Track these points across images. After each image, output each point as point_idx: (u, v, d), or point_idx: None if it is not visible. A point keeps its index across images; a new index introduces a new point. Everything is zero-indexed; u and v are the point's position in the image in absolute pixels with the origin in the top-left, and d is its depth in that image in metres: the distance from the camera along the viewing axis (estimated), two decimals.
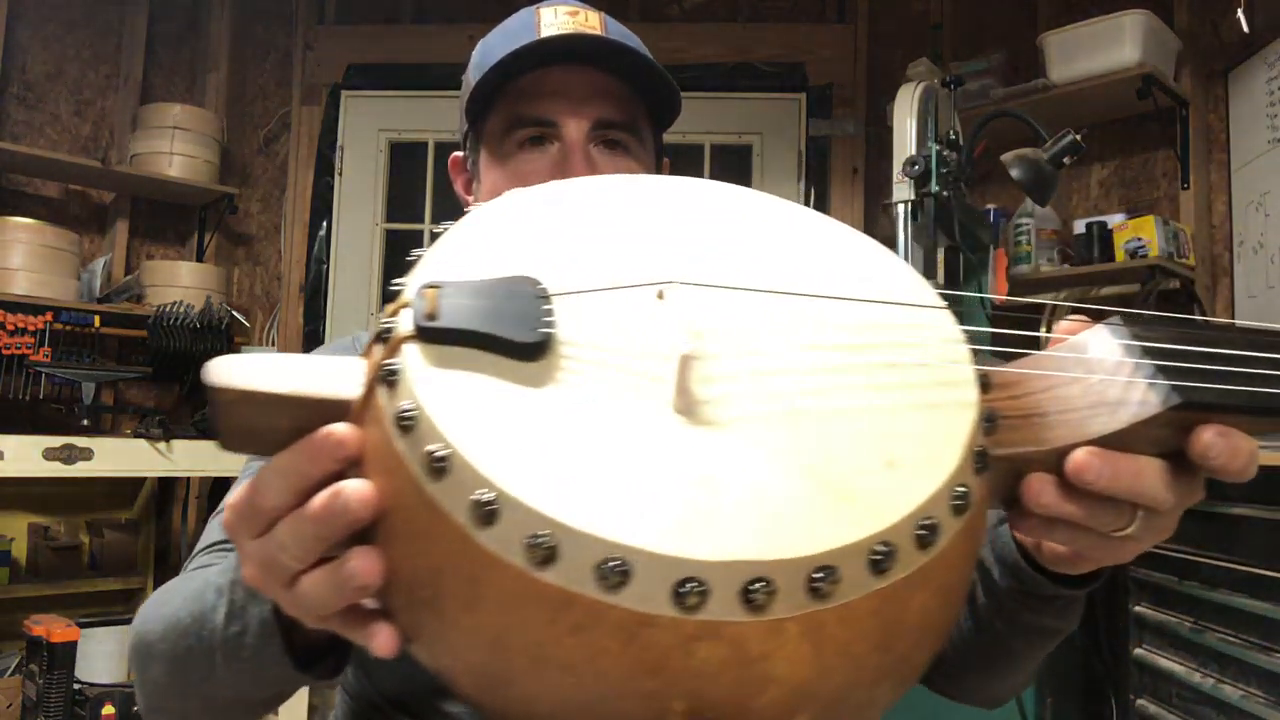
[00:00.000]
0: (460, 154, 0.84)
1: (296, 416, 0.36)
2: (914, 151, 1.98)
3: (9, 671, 2.37)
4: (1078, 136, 1.90)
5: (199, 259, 3.04)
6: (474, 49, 0.80)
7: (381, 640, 0.35)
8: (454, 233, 0.42)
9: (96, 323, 2.66)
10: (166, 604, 0.56)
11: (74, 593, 2.65)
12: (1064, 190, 2.65)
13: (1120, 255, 2.32)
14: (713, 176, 2.97)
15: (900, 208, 1.98)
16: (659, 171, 0.82)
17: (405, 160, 3.11)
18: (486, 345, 0.35)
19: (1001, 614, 0.58)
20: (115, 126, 3.00)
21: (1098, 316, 0.42)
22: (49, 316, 2.55)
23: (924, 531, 0.33)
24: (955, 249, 2.09)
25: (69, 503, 2.77)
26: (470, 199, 0.81)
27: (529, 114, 0.74)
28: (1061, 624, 0.57)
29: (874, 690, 0.34)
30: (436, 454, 0.32)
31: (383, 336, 0.36)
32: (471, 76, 0.77)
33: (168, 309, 2.70)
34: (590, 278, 0.39)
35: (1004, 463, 0.38)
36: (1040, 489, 0.38)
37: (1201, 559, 1.60)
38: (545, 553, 0.30)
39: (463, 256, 0.40)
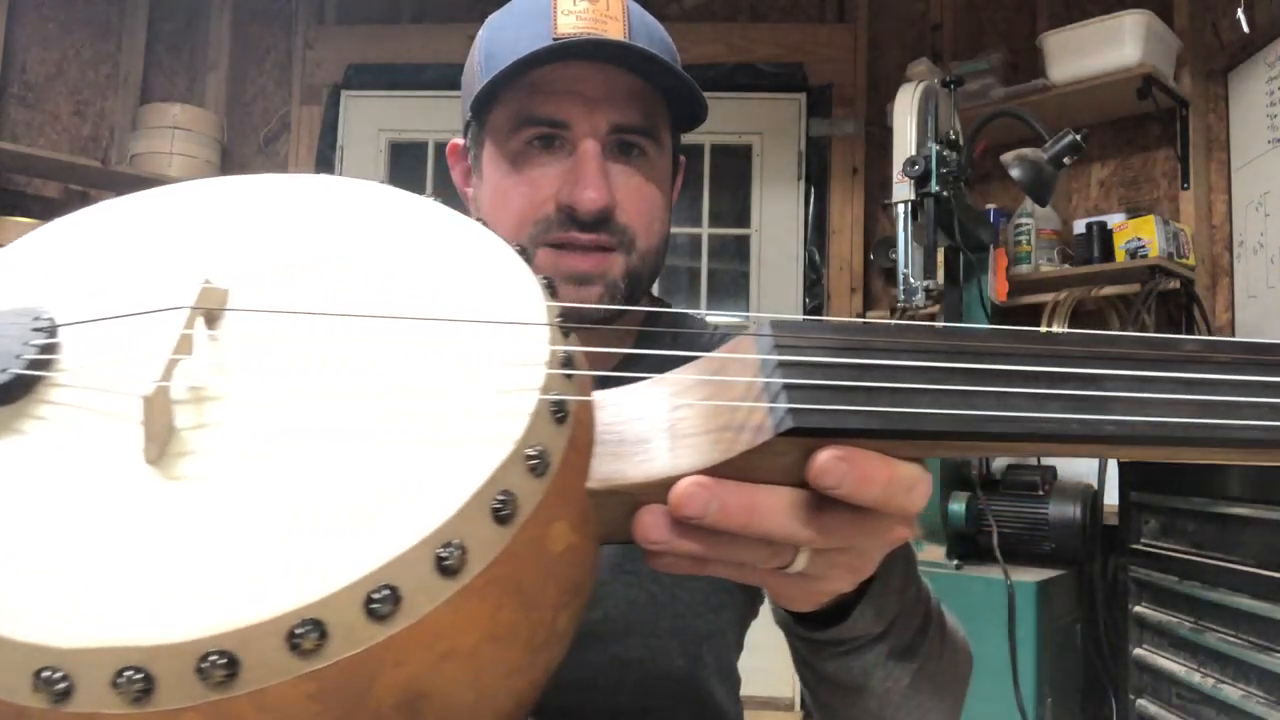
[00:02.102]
0: (460, 141, 0.78)
1: None
2: (914, 151, 1.98)
3: None
4: (1078, 136, 1.90)
5: None
6: (482, 28, 0.73)
7: None
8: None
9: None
10: None
11: None
12: (1064, 190, 2.65)
13: (1120, 255, 2.32)
14: (712, 176, 2.97)
15: (900, 208, 1.99)
16: (675, 174, 0.78)
17: (405, 160, 3.11)
18: None
19: (800, 665, 0.53)
20: (115, 126, 3.00)
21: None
22: None
23: (378, 602, 0.28)
24: (955, 249, 2.09)
25: None
26: (469, 190, 0.77)
27: (540, 113, 0.68)
28: (840, 673, 0.49)
29: None
30: None
31: None
32: (478, 62, 0.71)
33: None
34: (114, 303, 0.35)
35: (611, 496, 0.34)
36: (649, 524, 0.34)
37: (1201, 559, 1.59)
38: None
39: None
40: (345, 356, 0.35)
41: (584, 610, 0.38)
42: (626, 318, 0.75)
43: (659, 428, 0.36)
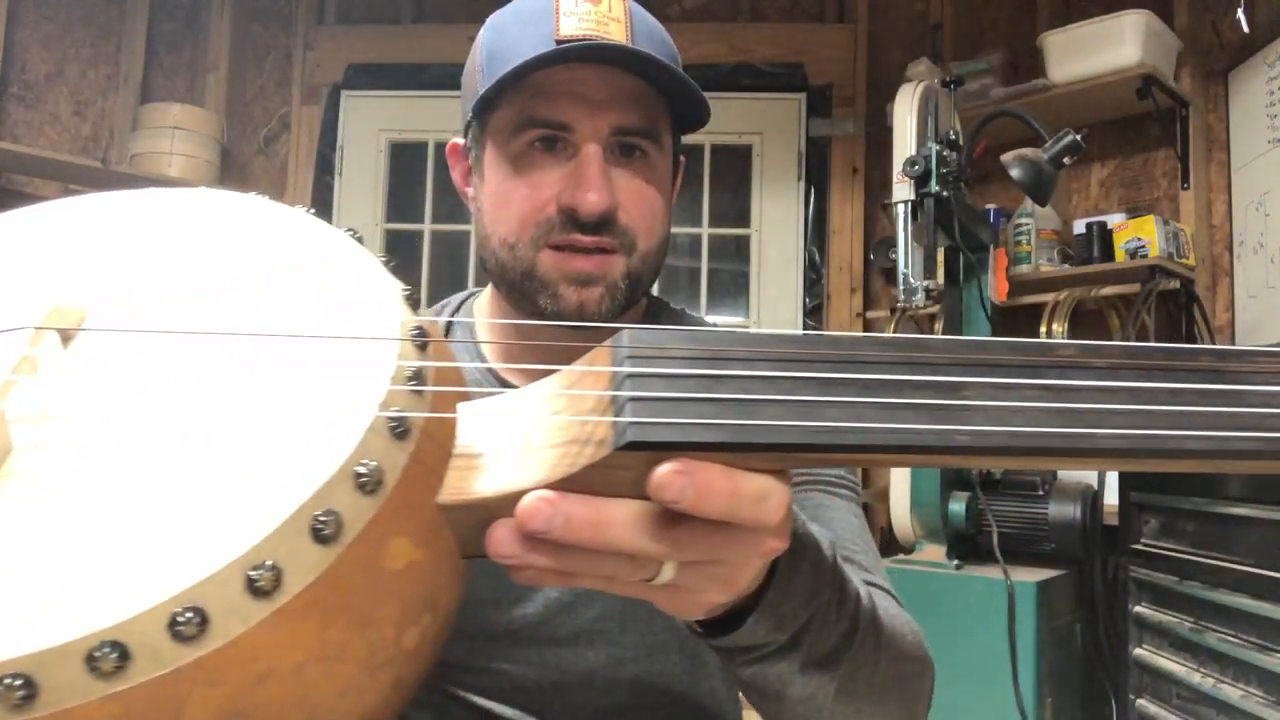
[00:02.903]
0: (460, 141, 0.78)
1: None
2: (914, 151, 1.99)
3: None
4: (1078, 136, 1.90)
5: None
6: (484, 27, 0.73)
7: None
8: None
9: None
10: None
11: None
12: (1064, 190, 2.65)
13: (1120, 255, 2.32)
14: (712, 176, 2.97)
15: (900, 208, 1.99)
16: (675, 173, 0.78)
17: (405, 160, 3.11)
18: None
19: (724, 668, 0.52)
20: (115, 126, 3.00)
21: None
22: None
23: (183, 624, 0.28)
24: (955, 249, 2.09)
25: None
26: (468, 190, 0.77)
27: (542, 115, 0.68)
28: (756, 679, 0.48)
29: None
30: None
31: None
32: (479, 63, 0.71)
33: None
34: None
35: (464, 510, 0.34)
36: (500, 539, 0.33)
37: (1201, 559, 1.60)
38: None
39: None
40: (192, 376, 0.35)
41: (447, 624, 0.38)
42: (624, 316, 0.75)
43: (516, 441, 0.35)
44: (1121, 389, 0.34)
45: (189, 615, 0.28)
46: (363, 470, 0.32)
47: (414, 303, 0.39)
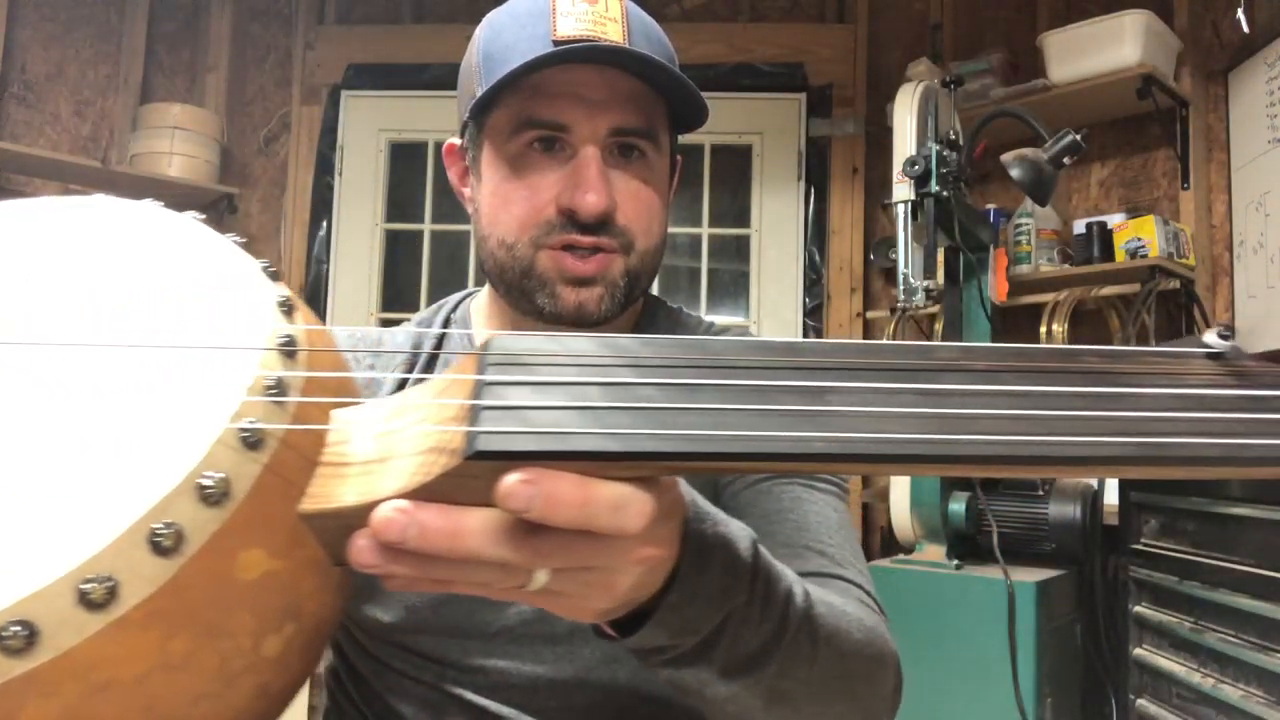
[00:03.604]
0: (456, 141, 0.78)
1: None
2: (914, 151, 1.99)
3: None
4: (1078, 136, 1.90)
5: None
6: (480, 26, 0.73)
7: None
8: None
9: None
10: None
11: None
12: (1064, 190, 2.65)
13: (1120, 255, 2.32)
14: (712, 176, 2.97)
15: (900, 208, 1.99)
16: (672, 173, 0.78)
17: (405, 160, 3.11)
18: None
19: None
20: (115, 126, 3.00)
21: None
22: None
23: (10, 637, 0.29)
24: (955, 249, 2.09)
25: None
26: (465, 191, 0.77)
27: (540, 116, 0.68)
28: (676, 680, 0.48)
29: None
30: None
31: None
32: (476, 63, 0.71)
33: None
34: None
35: (326, 519, 0.34)
36: (360, 549, 0.33)
37: (1201, 559, 1.60)
38: None
39: None
40: (52, 390, 0.35)
41: (320, 630, 0.38)
42: (622, 316, 0.75)
43: (381, 448, 0.35)
44: (999, 392, 0.33)
45: (15, 629, 0.28)
46: (208, 482, 0.32)
47: (288, 310, 0.38)
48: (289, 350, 0.36)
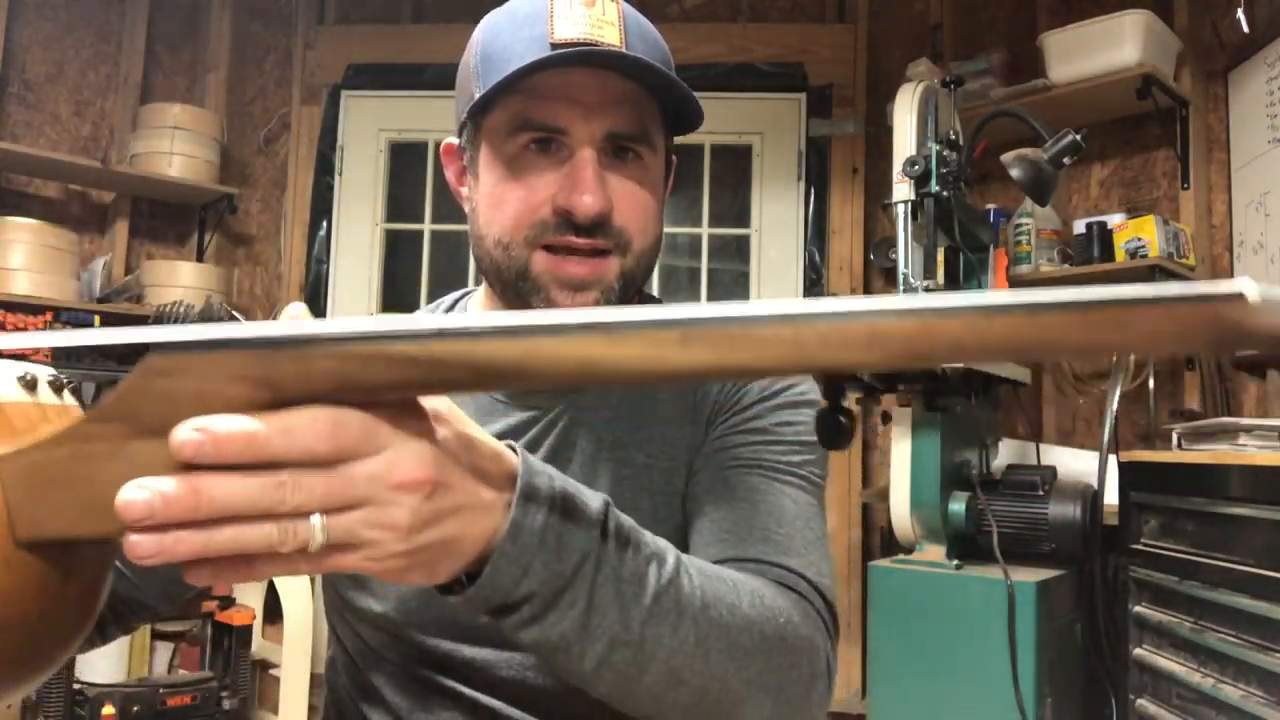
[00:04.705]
0: (454, 141, 0.79)
1: None
2: (914, 151, 1.98)
3: None
4: (1078, 136, 1.90)
5: (199, 259, 3.04)
6: (479, 27, 0.74)
7: None
8: None
9: (97, 323, 2.66)
10: None
11: None
12: (1064, 190, 2.64)
13: (1120, 255, 2.32)
14: (712, 176, 2.97)
15: (900, 208, 1.99)
16: (667, 174, 0.79)
17: (405, 160, 3.11)
18: None
19: None
20: (115, 126, 3.01)
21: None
22: (49, 316, 2.55)
23: None
24: (955, 249, 2.09)
25: None
26: (463, 190, 0.78)
27: (537, 118, 0.69)
28: (537, 646, 0.48)
29: None
30: None
31: None
32: (474, 64, 0.72)
33: (168, 309, 2.69)
34: None
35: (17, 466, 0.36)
36: (136, 545, 0.34)
37: (1201, 559, 1.59)
38: None
39: None
40: None
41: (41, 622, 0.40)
42: None
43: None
44: None
45: None
46: None
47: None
48: None
